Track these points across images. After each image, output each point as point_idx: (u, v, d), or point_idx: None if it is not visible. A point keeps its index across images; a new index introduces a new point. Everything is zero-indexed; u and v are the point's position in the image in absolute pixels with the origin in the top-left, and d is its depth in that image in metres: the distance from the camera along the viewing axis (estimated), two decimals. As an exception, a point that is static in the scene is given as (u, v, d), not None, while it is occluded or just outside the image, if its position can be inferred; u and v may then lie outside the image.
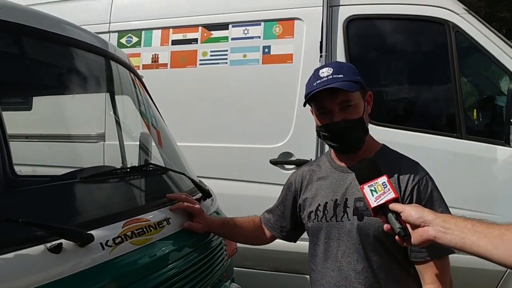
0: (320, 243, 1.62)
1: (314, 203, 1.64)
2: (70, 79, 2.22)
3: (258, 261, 3.24)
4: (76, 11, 3.67)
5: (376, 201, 1.33)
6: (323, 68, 1.57)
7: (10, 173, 2.54)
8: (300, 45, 3.21)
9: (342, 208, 1.57)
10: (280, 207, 1.81)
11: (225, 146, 3.32)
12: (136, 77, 2.27)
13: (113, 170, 1.67)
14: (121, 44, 3.59)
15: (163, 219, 1.57)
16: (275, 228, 1.82)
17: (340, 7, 3.17)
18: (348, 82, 1.51)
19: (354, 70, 1.60)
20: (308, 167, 1.77)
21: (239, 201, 3.17)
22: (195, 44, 3.43)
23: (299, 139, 3.15)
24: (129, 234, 1.37)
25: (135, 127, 2.39)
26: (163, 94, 3.36)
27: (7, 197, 1.43)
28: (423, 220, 1.21)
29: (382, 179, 1.36)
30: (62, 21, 1.83)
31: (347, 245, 1.55)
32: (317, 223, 1.62)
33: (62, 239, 1.13)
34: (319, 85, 1.52)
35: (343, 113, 1.54)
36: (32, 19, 1.61)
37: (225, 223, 1.83)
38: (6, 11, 1.50)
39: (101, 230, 1.29)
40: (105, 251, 1.26)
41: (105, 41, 2.10)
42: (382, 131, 2.92)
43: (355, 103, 1.54)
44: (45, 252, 1.10)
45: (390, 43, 3.24)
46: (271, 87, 3.25)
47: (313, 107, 1.60)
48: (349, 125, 1.54)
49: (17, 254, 1.04)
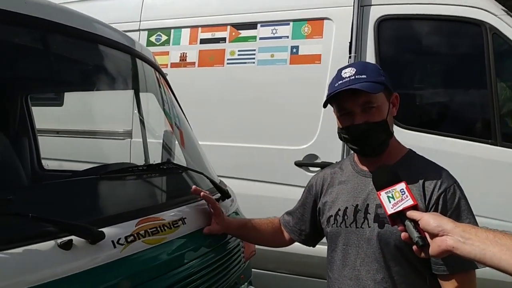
0: (338, 249, 1.57)
1: (334, 208, 1.59)
2: (98, 76, 2.26)
3: (279, 264, 3.20)
4: (107, 10, 3.74)
5: (393, 208, 1.28)
6: (346, 68, 1.51)
7: (38, 167, 2.59)
8: (329, 46, 3.15)
9: (362, 214, 1.51)
10: (300, 210, 1.76)
11: (250, 146, 3.30)
12: (161, 75, 2.28)
13: (129, 167, 1.67)
14: (151, 42, 3.63)
15: (178, 219, 1.55)
16: (294, 231, 1.77)
17: (371, 7, 3.09)
18: (371, 83, 1.45)
19: (379, 70, 1.54)
20: (330, 169, 1.72)
21: (262, 202, 3.15)
22: (223, 43, 3.43)
23: (325, 141, 3.09)
24: (142, 233, 1.36)
25: (159, 125, 2.39)
26: (190, 93, 3.39)
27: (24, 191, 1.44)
28: (441, 229, 1.14)
29: (400, 186, 1.30)
30: (91, 19, 1.85)
31: (367, 253, 1.49)
32: (336, 229, 1.56)
33: (73, 236, 1.13)
34: (340, 86, 1.47)
35: (365, 115, 1.47)
36: (62, 16, 1.64)
37: (243, 224, 1.80)
38: (36, 7, 1.52)
39: (114, 227, 1.28)
40: (117, 249, 1.25)
41: (132, 39, 2.11)
42: (411, 135, 2.84)
43: (378, 105, 1.48)
44: (55, 248, 1.10)
45: (423, 44, 3.13)
46: (298, 88, 3.20)
47: (335, 108, 1.55)
48: (371, 127, 1.48)
49: (26, 249, 1.04)
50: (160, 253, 1.41)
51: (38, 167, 2.61)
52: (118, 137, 3.54)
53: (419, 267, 1.44)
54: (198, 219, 1.67)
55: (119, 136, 3.54)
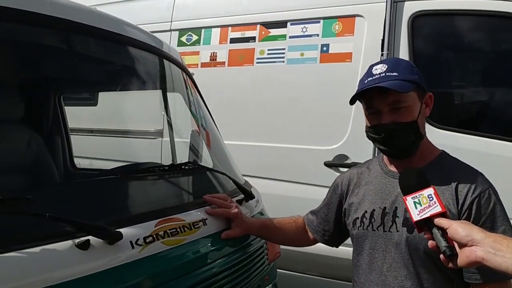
0: (364, 253, 1.52)
1: (360, 209, 1.54)
2: (127, 76, 2.30)
3: (307, 266, 3.16)
4: (140, 11, 3.81)
5: (419, 215, 1.22)
6: (378, 64, 1.46)
7: (70, 165, 2.66)
8: (360, 44, 3.07)
9: (390, 217, 1.46)
10: (324, 210, 1.72)
11: (279, 146, 3.27)
12: (188, 76, 2.28)
13: (151, 168, 1.68)
14: (182, 42, 3.66)
15: (199, 220, 1.54)
16: (318, 231, 1.73)
17: (405, 3, 2.98)
18: (402, 81, 1.38)
19: (412, 68, 1.47)
20: (357, 169, 1.67)
21: (290, 203, 3.11)
22: (253, 42, 3.41)
23: (355, 141, 3.02)
24: (161, 234, 1.35)
25: (187, 125, 2.40)
26: (220, 92, 3.41)
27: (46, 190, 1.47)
28: (471, 238, 1.09)
29: (428, 191, 1.24)
30: (121, 21, 1.89)
31: (394, 258, 1.44)
32: (362, 231, 1.52)
33: (90, 236, 1.14)
34: (369, 83, 1.42)
35: (393, 114, 1.41)
36: (92, 18, 1.68)
37: (265, 225, 1.77)
38: (68, 10, 1.56)
39: (133, 228, 1.29)
40: (135, 250, 1.25)
41: (160, 41, 2.13)
42: (446, 135, 2.74)
43: (409, 105, 1.41)
44: (73, 248, 1.11)
45: (460, 41, 3.00)
46: (328, 87, 3.14)
47: (363, 105, 1.50)
48: (399, 128, 1.41)
49: (44, 249, 1.05)
50: (179, 255, 1.40)
51: (71, 165, 2.68)
52: (149, 136, 3.59)
53: (450, 274, 1.38)
54: (220, 220, 1.65)
55: (151, 135, 3.59)
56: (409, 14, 2.95)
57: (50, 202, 1.24)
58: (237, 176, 2.08)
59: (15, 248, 1.00)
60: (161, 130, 3.50)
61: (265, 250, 1.92)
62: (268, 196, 3.04)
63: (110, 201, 1.42)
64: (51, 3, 1.50)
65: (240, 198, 1.88)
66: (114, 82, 2.37)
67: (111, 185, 1.50)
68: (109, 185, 1.49)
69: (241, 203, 1.86)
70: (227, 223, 1.68)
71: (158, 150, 3.44)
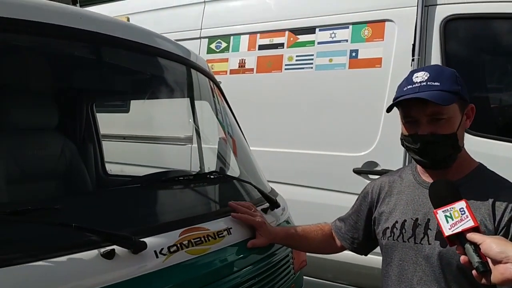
0: (393, 264, 1.49)
1: (391, 219, 1.51)
2: (155, 85, 2.35)
3: (337, 274, 3.12)
4: (170, 19, 3.88)
5: (451, 229, 1.19)
6: (419, 71, 1.41)
7: (102, 172, 2.74)
8: (390, 49, 3.03)
9: (422, 229, 1.42)
10: (353, 217, 1.69)
11: (308, 152, 3.25)
12: (215, 85, 2.31)
13: (176, 177, 1.70)
14: (211, 50, 3.71)
15: (223, 229, 1.55)
16: (346, 238, 1.71)
17: (437, 7, 2.92)
18: (443, 93, 1.33)
19: (455, 78, 1.41)
20: (388, 177, 1.63)
21: (319, 209, 3.08)
22: (281, 48, 3.41)
23: (385, 148, 2.97)
24: (185, 243, 1.37)
25: (214, 132, 2.43)
26: (249, 99, 3.43)
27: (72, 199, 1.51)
28: (505, 255, 1.05)
29: (459, 204, 1.20)
30: (150, 33, 1.93)
31: (425, 272, 1.40)
32: (392, 242, 1.48)
33: (115, 245, 1.16)
34: (408, 91, 1.38)
35: (432, 125, 1.37)
36: (124, 31, 1.73)
37: (291, 233, 1.76)
38: (102, 24, 1.62)
39: (157, 237, 1.31)
40: (159, 259, 1.27)
41: (187, 50, 2.17)
42: (482, 143, 2.66)
43: (449, 117, 1.36)
44: (98, 257, 1.14)
45: (495, 45, 2.91)
46: (358, 93, 3.11)
47: (400, 113, 1.46)
48: (437, 140, 1.37)
49: (71, 258, 1.08)
50: (203, 264, 1.41)
51: (102, 171, 2.76)
52: (179, 142, 3.65)
53: None
54: (245, 229, 1.66)
55: (181, 141, 3.65)
56: (441, 18, 2.88)
57: (78, 212, 1.27)
58: (263, 184, 2.09)
59: (43, 258, 1.04)
60: (190, 136, 3.55)
61: (291, 259, 1.91)
62: (297, 203, 3.04)
63: (136, 210, 1.45)
64: (81, 16, 1.55)
65: (265, 207, 1.88)
66: (143, 91, 2.43)
67: (137, 194, 1.53)
68: (134, 194, 1.52)
69: (266, 211, 1.86)
70: (251, 232, 1.68)
71: (188, 156, 3.49)
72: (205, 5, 3.81)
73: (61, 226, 1.09)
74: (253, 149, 2.50)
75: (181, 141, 3.60)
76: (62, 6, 1.58)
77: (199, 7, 3.83)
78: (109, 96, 3.06)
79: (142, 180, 1.61)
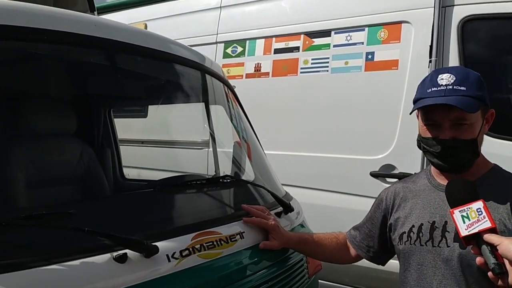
0: (411, 269, 1.48)
1: (407, 224, 1.49)
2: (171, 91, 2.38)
3: (354, 279, 3.09)
4: (188, 24, 3.93)
5: (467, 230, 1.17)
6: (444, 73, 1.37)
7: (120, 176, 2.78)
8: (407, 50, 2.99)
9: (440, 232, 1.40)
10: (368, 225, 1.68)
11: (325, 156, 3.23)
12: (230, 89, 2.33)
13: (189, 181, 1.71)
14: (227, 54, 3.73)
15: (236, 233, 1.55)
16: (361, 247, 1.69)
17: (454, 7, 2.88)
18: (470, 99, 1.31)
19: (481, 82, 1.38)
20: (402, 183, 1.62)
21: (336, 213, 3.08)
22: (296, 52, 3.41)
23: (402, 151, 2.93)
24: (197, 247, 1.38)
25: (229, 137, 2.44)
26: (265, 103, 3.44)
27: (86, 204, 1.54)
28: None
29: (477, 204, 1.19)
30: (166, 40, 1.97)
31: (445, 275, 1.38)
32: (410, 246, 1.47)
33: (127, 249, 1.18)
34: (432, 94, 1.35)
35: (453, 130, 1.35)
36: (141, 39, 1.77)
37: (304, 240, 1.75)
38: (119, 32, 1.66)
39: (169, 241, 1.32)
40: (171, 263, 1.28)
41: (202, 56, 2.19)
42: (500, 144, 2.61)
43: (471, 123, 1.35)
44: (110, 261, 1.15)
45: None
46: (374, 96, 3.08)
47: (420, 115, 1.44)
48: (458, 145, 1.35)
49: (83, 262, 1.10)
50: (215, 268, 1.42)
51: (120, 176, 2.80)
52: (197, 146, 3.67)
53: None
54: (257, 233, 1.66)
55: (198, 145, 3.67)
56: (459, 19, 2.84)
57: (92, 216, 1.30)
58: (277, 188, 2.09)
59: (56, 262, 1.06)
60: (207, 140, 3.58)
61: (305, 264, 1.90)
62: (314, 206, 3.03)
63: (149, 215, 1.47)
64: (96, 24, 1.59)
65: (279, 211, 1.88)
66: (159, 96, 2.47)
67: (150, 199, 1.55)
68: (148, 198, 1.54)
69: (280, 215, 1.85)
70: (265, 236, 1.68)
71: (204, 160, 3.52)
72: (221, 10, 3.84)
73: (74, 231, 1.11)
74: (270, 153, 2.50)
75: (198, 145, 3.63)
76: (78, 15, 1.63)
77: (215, 12, 3.86)
78: (126, 102, 3.11)
79: (155, 185, 1.63)
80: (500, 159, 1.54)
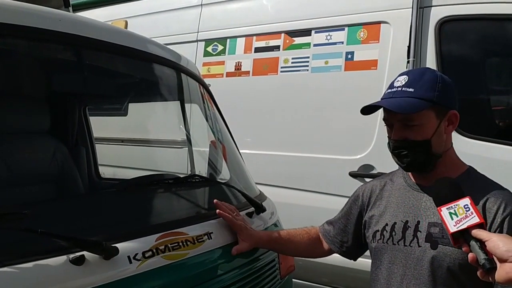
0: (382, 267, 1.48)
1: (381, 222, 1.50)
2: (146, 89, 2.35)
3: (333, 278, 3.09)
4: (168, 22, 3.89)
5: (456, 226, 1.17)
6: (403, 75, 1.43)
7: (95, 175, 2.74)
8: (385, 51, 3.00)
9: (412, 231, 1.41)
10: (343, 220, 1.67)
11: (304, 156, 3.23)
12: (205, 89, 2.30)
13: (155, 180, 1.69)
14: (208, 53, 3.70)
15: (203, 233, 1.53)
16: (335, 242, 1.69)
17: (432, 8, 2.88)
18: (414, 100, 1.35)
19: (434, 84, 1.39)
20: (379, 180, 1.63)
21: (314, 213, 3.04)
22: (277, 51, 3.40)
23: (381, 151, 2.90)
24: (162, 248, 1.35)
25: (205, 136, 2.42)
26: (245, 102, 3.42)
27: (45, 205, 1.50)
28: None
29: (464, 201, 1.19)
30: (142, 38, 1.94)
31: (414, 275, 1.39)
32: (382, 245, 1.47)
33: (85, 251, 1.15)
34: (385, 96, 1.42)
35: (404, 130, 1.38)
36: (118, 36, 1.75)
37: (274, 237, 1.74)
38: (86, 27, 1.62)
39: (132, 242, 1.29)
40: (133, 265, 1.25)
41: (178, 55, 2.17)
42: (478, 145, 2.61)
43: (421, 123, 1.37)
44: (67, 263, 1.12)
45: (490, 46, 2.88)
46: (353, 95, 3.07)
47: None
48: (407, 146, 1.38)
49: (37, 264, 1.07)
50: (180, 270, 1.40)
51: (96, 175, 2.76)
52: (177, 145, 3.64)
53: None
54: (226, 234, 1.64)
55: (178, 144, 3.64)
56: (436, 20, 2.85)
57: (53, 216, 1.27)
58: (251, 188, 2.07)
59: (8, 263, 1.03)
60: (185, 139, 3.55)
61: (277, 264, 1.89)
62: (292, 206, 3.02)
63: (113, 215, 1.44)
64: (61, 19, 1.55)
65: (251, 211, 1.86)
66: (134, 94, 2.43)
67: (116, 199, 1.52)
68: (114, 198, 1.51)
69: (251, 215, 1.84)
70: (233, 236, 1.66)
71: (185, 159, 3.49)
72: (202, 8, 3.81)
73: (26, 231, 1.07)
74: (249, 152, 2.48)
75: (179, 144, 3.60)
76: (49, 11, 1.59)
77: (196, 10, 3.83)
78: (100, 100, 3.07)
79: (124, 185, 1.60)
80: (473, 158, 1.54)
